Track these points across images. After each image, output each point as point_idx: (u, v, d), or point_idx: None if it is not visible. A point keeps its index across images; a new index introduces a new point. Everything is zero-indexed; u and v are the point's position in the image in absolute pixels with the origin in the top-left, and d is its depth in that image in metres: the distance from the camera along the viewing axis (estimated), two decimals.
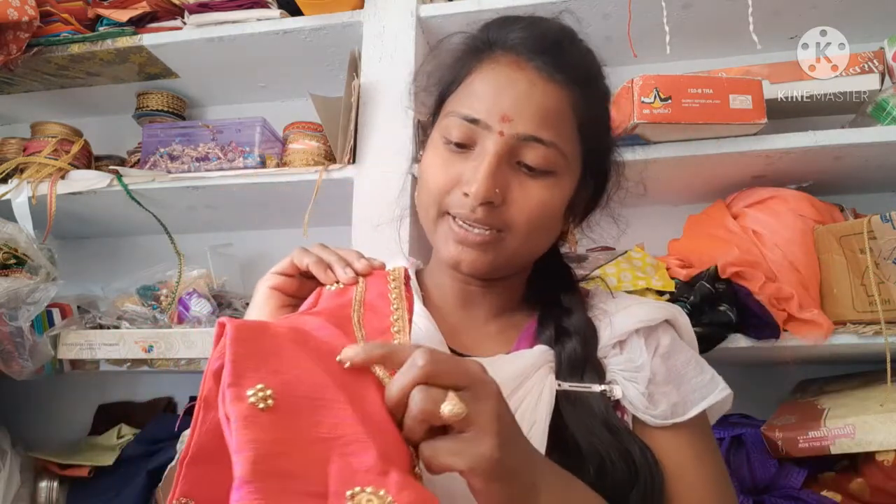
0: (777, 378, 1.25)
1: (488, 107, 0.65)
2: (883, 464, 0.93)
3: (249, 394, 0.40)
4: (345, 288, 0.57)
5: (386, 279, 0.58)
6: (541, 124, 0.64)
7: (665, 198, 1.35)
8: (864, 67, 1.12)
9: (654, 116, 1.03)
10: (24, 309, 1.20)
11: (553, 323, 0.70)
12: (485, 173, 0.63)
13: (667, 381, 0.67)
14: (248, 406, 0.39)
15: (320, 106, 1.26)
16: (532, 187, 0.65)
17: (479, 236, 0.65)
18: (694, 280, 1.07)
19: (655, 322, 0.70)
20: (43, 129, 1.44)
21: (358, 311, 0.54)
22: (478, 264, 0.66)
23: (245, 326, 0.45)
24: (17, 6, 1.28)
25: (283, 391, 0.41)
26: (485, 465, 0.43)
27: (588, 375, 0.65)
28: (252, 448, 0.37)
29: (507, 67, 0.66)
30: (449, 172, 0.66)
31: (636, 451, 0.61)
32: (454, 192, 0.66)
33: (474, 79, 0.68)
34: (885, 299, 0.98)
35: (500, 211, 0.64)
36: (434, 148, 0.69)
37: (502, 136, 0.64)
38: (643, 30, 1.19)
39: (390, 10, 1.27)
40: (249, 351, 0.43)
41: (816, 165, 1.14)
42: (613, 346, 0.68)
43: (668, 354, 0.69)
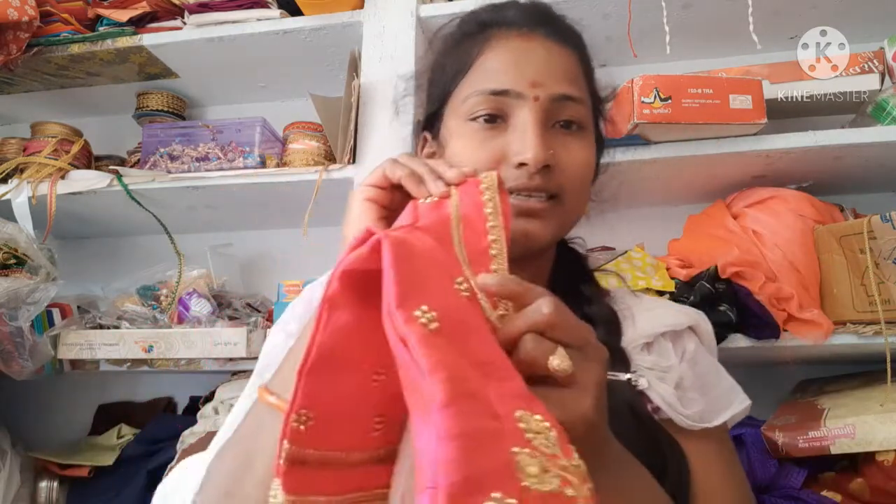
0: (777, 378, 1.25)
1: (513, 77, 0.65)
2: (883, 464, 0.93)
3: (418, 314, 0.38)
4: (440, 201, 0.53)
5: (479, 187, 0.54)
6: (568, 83, 0.66)
7: (665, 198, 1.35)
8: (864, 67, 1.12)
9: (654, 116, 1.03)
10: (24, 309, 1.20)
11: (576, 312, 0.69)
12: (534, 137, 0.63)
13: (693, 388, 0.67)
14: (420, 327, 0.37)
15: (320, 106, 1.26)
16: (573, 146, 0.66)
17: (540, 203, 0.64)
18: (694, 280, 1.07)
19: (681, 327, 0.71)
20: (43, 129, 1.44)
21: (457, 229, 0.51)
22: (544, 233, 0.65)
23: (402, 244, 0.42)
24: (17, 6, 1.28)
25: (443, 314, 0.39)
26: (580, 423, 0.43)
27: (614, 364, 0.63)
28: (444, 369, 0.35)
29: (517, 40, 0.68)
30: (489, 150, 0.65)
31: (663, 439, 0.61)
32: (502, 168, 0.64)
33: (486, 58, 0.68)
34: (885, 299, 0.98)
35: (554, 174, 0.64)
36: (459, 134, 0.68)
37: (537, 101, 0.64)
38: (643, 30, 1.19)
39: (390, 10, 1.27)
40: (410, 270, 0.40)
41: (816, 165, 1.14)
42: (641, 347, 0.68)
43: (695, 361, 0.69)
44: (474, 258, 0.49)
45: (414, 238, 0.46)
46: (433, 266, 0.43)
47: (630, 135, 1.08)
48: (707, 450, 0.66)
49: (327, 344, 0.42)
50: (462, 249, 0.49)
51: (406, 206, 0.54)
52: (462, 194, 0.54)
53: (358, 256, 0.43)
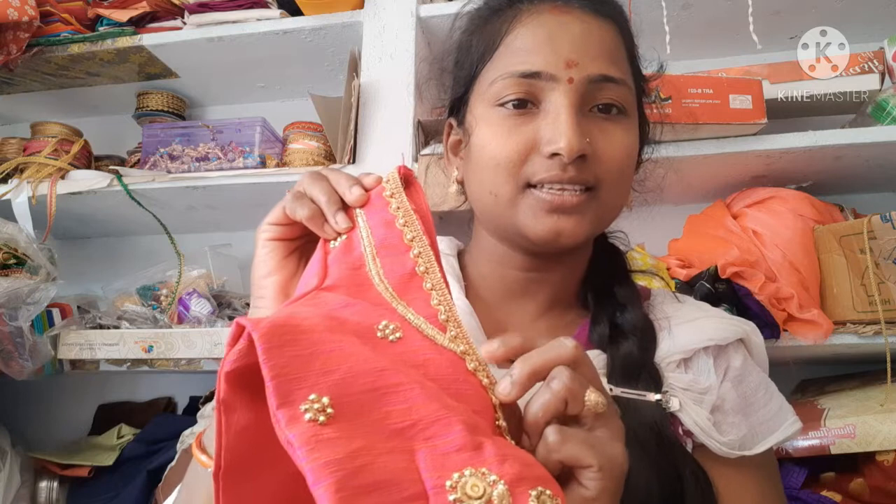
0: (777, 378, 1.24)
1: (546, 56, 0.58)
2: (883, 464, 0.93)
3: (304, 409, 0.35)
4: (348, 240, 0.48)
5: (384, 198, 0.49)
6: (607, 62, 0.59)
7: (665, 198, 1.35)
8: (864, 67, 1.12)
9: (653, 116, 1.03)
10: (24, 309, 1.20)
11: (607, 319, 0.63)
12: (569, 124, 0.56)
13: (736, 410, 0.61)
14: (307, 425, 0.34)
15: (320, 106, 1.26)
16: (614, 132, 0.59)
17: (574, 198, 0.57)
18: (694, 280, 1.06)
19: (727, 341, 0.63)
20: (43, 129, 1.44)
21: (374, 264, 0.46)
22: (579, 231, 0.59)
23: (276, 331, 0.38)
24: (17, 6, 1.28)
25: (340, 393, 0.36)
26: (614, 467, 0.39)
27: (643, 382, 0.58)
28: (330, 474, 0.32)
29: (551, 14, 0.60)
30: (519, 138, 0.58)
31: (688, 473, 0.55)
32: (533, 159, 0.58)
33: (516, 36, 0.61)
34: (885, 299, 0.98)
35: (591, 164, 0.58)
36: (486, 121, 0.61)
37: (572, 83, 0.57)
38: (643, 30, 1.19)
39: (390, 10, 1.27)
40: (288, 358, 0.37)
41: (816, 165, 1.14)
42: (677, 363, 0.62)
43: (740, 378, 0.63)
44: (402, 286, 0.45)
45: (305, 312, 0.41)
46: (333, 334, 0.40)
47: None
48: (743, 481, 0.59)
49: (234, 447, 0.39)
50: (385, 285, 0.45)
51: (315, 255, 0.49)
52: (370, 216, 0.49)
53: (238, 354, 0.39)
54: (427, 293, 0.45)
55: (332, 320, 0.41)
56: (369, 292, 0.45)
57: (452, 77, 0.70)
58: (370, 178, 0.51)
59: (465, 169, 0.66)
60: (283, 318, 0.40)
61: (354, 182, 0.50)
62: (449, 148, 0.71)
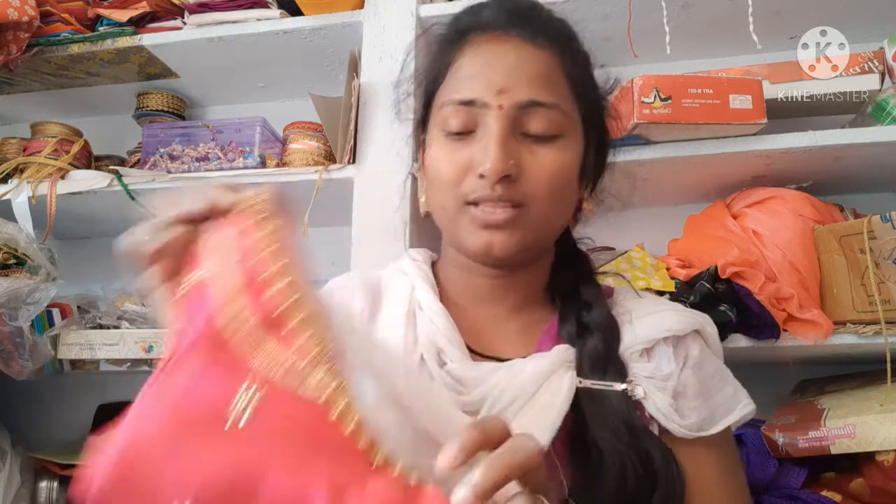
0: (777, 378, 1.25)
1: (481, 85, 0.64)
2: (883, 464, 0.93)
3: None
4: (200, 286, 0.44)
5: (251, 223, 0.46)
6: (538, 88, 0.63)
7: (665, 198, 1.35)
8: (864, 67, 1.12)
9: (654, 116, 1.03)
10: (24, 309, 1.20)
11: (573, 317, 0.68)
12: (495, 148, 0.61)
13: (697, 395, 0.65)
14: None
15: (320, 106, 1.26)
16: (543, 154, 0.64)
17: (503, 214, 0.63)
18: (694, 280, 1.06)
19: (685, 332, 0.68)
20: (43, 129, 1.44)
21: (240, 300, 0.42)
22: (509, 245, 0.64)
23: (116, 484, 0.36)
24: (17, 6, 1.28)
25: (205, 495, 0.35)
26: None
27: (610, 374, 0.63)
28: None
29: (489, 44, 0.66)
30: (457, 161, 0.64)
31: (657, 454, 0.59)
32: (468, 179, 0.64)
33: (460, 64, 0.67)
34: (885, 299, 0.98)
35: (518, 184, 0.63)
36: (436, 143, 0.67)
37: (502, 109, 0.63)
38: (643, 30, 1.19)
39: (390, 10, 1.27)
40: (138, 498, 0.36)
41: (816, 165, 1.14)
42: (640, 353, 0.66)
43: (699, 366, 0.67)
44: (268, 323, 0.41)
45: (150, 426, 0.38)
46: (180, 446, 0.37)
47: (630, 135, 1.08)
48: (705, 459, 0.64)
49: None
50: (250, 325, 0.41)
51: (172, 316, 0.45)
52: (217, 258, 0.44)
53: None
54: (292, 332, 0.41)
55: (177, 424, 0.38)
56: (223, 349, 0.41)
57: (418, 97, 0.76)
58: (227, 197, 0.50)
59: (425, 183, 0.73)
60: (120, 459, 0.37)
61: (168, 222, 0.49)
62: (422, 161, 0.75)
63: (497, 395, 0.61)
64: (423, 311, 0.69)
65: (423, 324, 0.67)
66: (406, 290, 0.71)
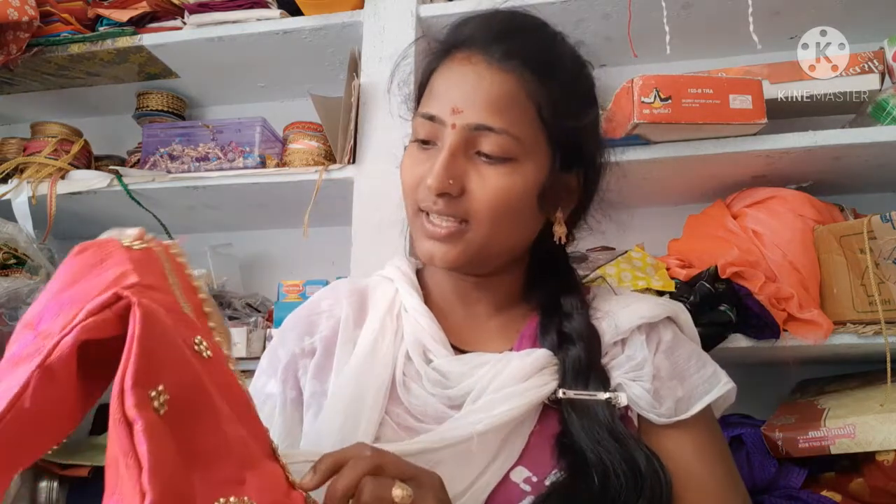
0: (777, 378, 1.25)
1: (441, 103, 0.67)
2: (883, 464, 0.93)
3: (153, 395, 0.37)
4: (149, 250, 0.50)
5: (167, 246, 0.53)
6: (490, 112, 0.65)
7: (665, 198, 1.35)
8: (864, 67, 1.12)
9: (654, 116, 1.03)
10: (23, 309, 1.20)
11: (555, 328, 0.70)
12: (439, 165, 0.64)
13: (671, 377, 0.68)
14: (151, 412, 0.36)
15: (320, 106, 1.26)
16: (490, 175, 0.65)
17: (444, 229, 0.66)
18: (694, 280, 1.06)
19: (657, 318, 0.71)
20: (43, 129, 1.44)
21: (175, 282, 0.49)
22: (449, 257, 0.66)
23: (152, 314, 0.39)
24: (17, 6, 1.28)
25: (175, 394, 0.38)
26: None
27: (593, 383, 0.65)
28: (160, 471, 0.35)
29: (458, 64, 0.68)
30: (416, 171, 0.68)
31: (642, 458, 0.61)
32: (420, 189, 0.67)
33: (434, 79, 0.70)
34: (885, 299, 0.98)
35: (459, 201, 0.65)
36: (408, 150, 0.71)
37: (454, 129, 0.65)
38: (643, 30, 1.19)
39: (390, 10, 1.27)
40: (154, 343, 0.38)
41: (816, 165, 1.14)
42: (615, 343, 0.69)
43: (671, 349, 0.70)
44: (196, 315, 0.47)
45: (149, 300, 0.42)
46: (174, 334, 0.41)
47: (630, 135, 1.08)
48: (685, 442, 0.66)
49: (27, 413, 0.38)
50: (186, 304, 0.47)
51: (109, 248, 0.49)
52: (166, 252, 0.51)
53: (103, 323, 0.39)
54: (210, 330, 0.48)
55: (172, 314, 0.43)
56: (176, 306, 0.46)
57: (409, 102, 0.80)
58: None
59: None
60: (154, 305, 0.40)
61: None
62: None
63: (482, 387, 0.64)
64: (408, 312, 0.72)
65: (408, 324, 0.70)
66: (390, 295, 0.74)
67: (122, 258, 0.46)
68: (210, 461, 0.39)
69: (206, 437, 0.40)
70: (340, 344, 0.71)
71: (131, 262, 0.46)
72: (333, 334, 0.72)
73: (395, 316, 0.72)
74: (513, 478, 0.61)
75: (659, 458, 0.62)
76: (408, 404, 0.65)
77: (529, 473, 0.61)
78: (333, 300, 0.76)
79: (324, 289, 0.80)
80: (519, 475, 0.61)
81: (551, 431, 0.64)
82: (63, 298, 0.43)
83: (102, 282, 0.43)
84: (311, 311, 0.75)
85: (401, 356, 0.68)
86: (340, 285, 0.79)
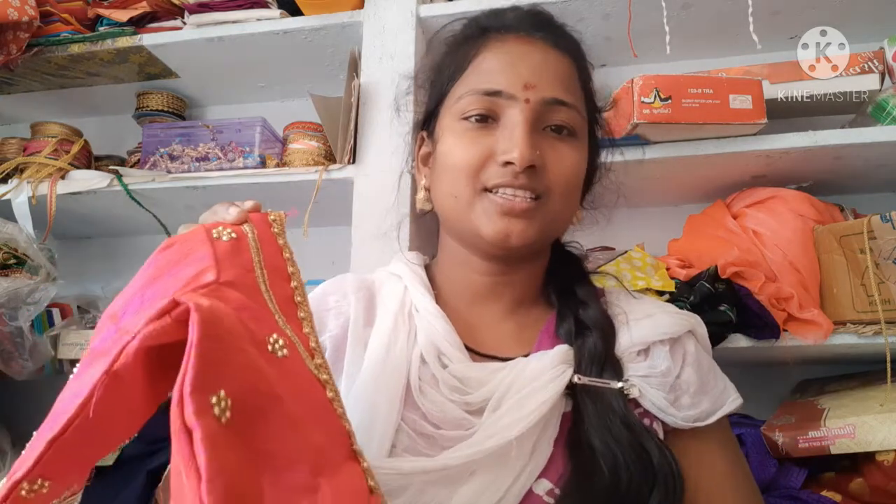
0: (777, 378, 1.25)
1: (508, 78, 0.66)
2: (883, 464, 0.93)
3: (213, 402, 0.36)
4: (238, 241, 0.49)
5: (270, 229, 0.52)
6: (562, 88, 0.67)
7: (665, 198, 1.35)
8: (864, 67, 1.12)
9: (654, 116, 1.03)
10: (24, 309, 1.20)
11: (571, 316, 0.70)
12: (522, 137, 0.63)
13: (698, 391, 0.68)
14: (212, 420, 0.35)
15: (320, 106, 1.26)
16: (563, 149, 0.67)
17: (524, 202, 0.65)
18: (694, 280, 1.06)
19: (679, 334, 0.70)
20: (43, 129, 1.44)
21: (262, 275, 0.47)
22: (527, 234, 0.65)
23: (212, 317, 0.38)
24: (17, 6, 1.28)
25: (239, 399, 0.37)
26: None
27: (607, 372, 0.65)
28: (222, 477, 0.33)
29: (515, 42, 0.69)
30: (479, 147, 0.66)
31: (654, 449, 0.60)
32: (490, 166, 0.65)
33: (483, 59, 0.69)
34: (885, 299, 0.98)
35: (540, 175, 0.65)
36: (452, 132, 0.69)
37: (528, 103, 0.65)
38: (643, 30, 1.19)
39: (390, 10, 1.27)
40: (215, 347, 0.38)
41: (816, 165, 1.14)
42: (637, 353, 0.68)
43: (697, 363, 0.70)
44: (283, 306, 0.47)
45: (222, 302, 0.41)
46: (240, 337, 0.40)
47: (630, 135, 1.08)
48: (706, 448, 0.66)
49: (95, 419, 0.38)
50: (270, 296, 0.47)
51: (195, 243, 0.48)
52: (259, 235, 0.51)
53: (162, 329, 0.39)
54: (300, 321, 0.47)
55: (239, 324, 0.41)
56: (258, 298, 0.46)
57: (427, 93, 0.78)
58: (249, 202, 0.56)
59: (431, 176, 0.74)
60: (214, 306, 0.40)
61: (231, 205, 0.55)
62: (419, 159, 0.77)
63: (502, 392, 0.62)
64: (420, 313, 0.69)
65: (421, 326, 0.68)
66: (400, 293, 0.72)
67: (205, 253, 0.46)
68: (279, 468, 0.38)
69: (275, 444, 0.38)
70: (351, 345, 0.68)
71: (213, 258, 0.45)
72: (343, 333, 0.69)
73: (407, 315, 0.69)
74: (536, 490, 0.59)
75: (672, 452, 0.62)
76: (425, 410, 0.62)
77: (552, 486, 0.60)
78: (340, 296, 0.73)
79: (328, 282, 0.77)
80: (542, 488, 0.60)
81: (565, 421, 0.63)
82: (146, 295, 0.43)
83: (180, 280, 0.43)
84: (318, 308, 0.71)
85: (415, 359, 0.66)
86: (346, 279, 0.76)
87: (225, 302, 0.42)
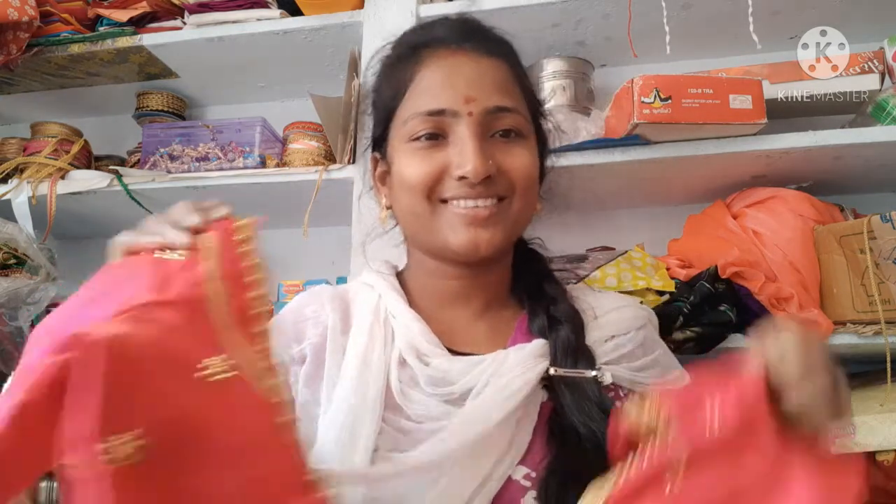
0: None
1: (447, 95, 0.67)
2: (883, 464, 0.93)
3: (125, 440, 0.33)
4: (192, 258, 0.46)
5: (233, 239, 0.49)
6: (501, 94, 0.68)
7: (665, 198, 1.35)
8: (864, 67, 1.12)
9: (654, 116, 1.03)
10: (24, 309, 1.20)
11: (543, 312, 0.72)
12: (473, 150, 0.65)
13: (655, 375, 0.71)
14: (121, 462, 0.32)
15: (320, 106, 1.26)
16: (515, 150, 0.69)
17: (487, 209, 0.66)
18: (694, 280, 1.06)
19: (642, 323, 0.74)
20: (43, 129, 1.44)
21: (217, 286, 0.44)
22: (494, 241, 0.67)
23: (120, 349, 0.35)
24: (17, 6, 1.28)
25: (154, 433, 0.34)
26: None
27: (581, 362, 0.67)
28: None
29: (447, 58, 0.70)
30: (432, 163, 0.67)
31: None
32: (445, 180, 0.67)
33: (420, 79, 0.70)
34: (885, 299, 0.98)
35: (498, 180, 0.67)
36: (403, 153, 0.70)
37: (472, 116, 0.66)
38: (643, 30, 1.19)
39: (390, 10, 1.27)
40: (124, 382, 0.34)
41: (816, 165, 1.14)
42: (605, 340, 0.71)
43: (652, 348, 0.74)
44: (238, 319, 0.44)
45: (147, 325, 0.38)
46: (161, 363, 0.37)
47: (630, 135, 1.08)
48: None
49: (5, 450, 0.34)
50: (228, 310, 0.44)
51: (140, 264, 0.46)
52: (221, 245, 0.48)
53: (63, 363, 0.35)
54: (254, 336, 0.45)
55: (160, 350, 0.38)
56: (203, 317, 0.43)
57: (372, 118, 0.78)
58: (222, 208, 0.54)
59: (391, 195, 0.75)
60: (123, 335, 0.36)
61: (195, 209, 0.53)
62: (377, 178, 0.78)
63: (484, 381, 0.64)
64: (396, 318, 0.71)
65: (398, 330, 0.70)
66: (374, 302, 0.73)
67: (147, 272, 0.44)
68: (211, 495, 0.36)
69: (202, 480, 0.36)
70: (330, 353, 0.69)
71: (154, 276, 0.43)
72: (323, 341, 0.70)
73: (383, 322, 0.71)
74: (514, 476, 0.61)
75: None
76: (409, 411, 0.64)
77: (528, 470, 0.62)
78: (317, 306, 0.74)
79: (302, 294, 0.79)
80: (519, 473, 0.62)
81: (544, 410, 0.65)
82: (82, 315, 0.41)
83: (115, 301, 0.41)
84: (297, 318, 0.73)
85: (394, 363, 0.67)
86: (321, 290, 0.78)
87: (152, 324, 0.39)
